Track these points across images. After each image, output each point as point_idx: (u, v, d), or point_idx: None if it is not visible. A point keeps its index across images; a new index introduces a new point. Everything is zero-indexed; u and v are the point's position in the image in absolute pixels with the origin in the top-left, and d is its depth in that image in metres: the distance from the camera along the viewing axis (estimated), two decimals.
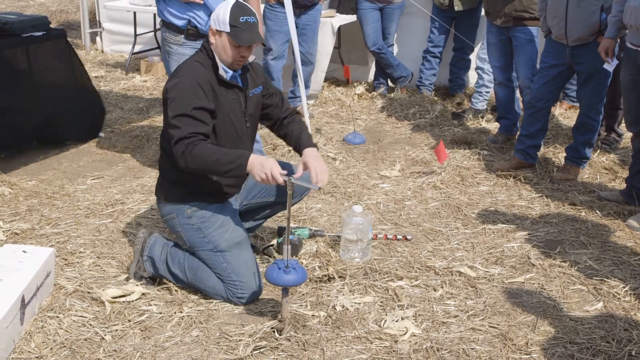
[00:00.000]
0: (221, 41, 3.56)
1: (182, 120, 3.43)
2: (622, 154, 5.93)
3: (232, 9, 3.54)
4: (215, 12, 3.62)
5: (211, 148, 3.43)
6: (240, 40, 3.53)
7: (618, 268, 4.12)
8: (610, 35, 4.76)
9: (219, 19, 3.55)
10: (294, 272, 3.28)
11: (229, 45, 3.54)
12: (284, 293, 3.34)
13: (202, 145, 3.41)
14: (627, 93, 4.77)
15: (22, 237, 4.34)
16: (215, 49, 3.60)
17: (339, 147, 6.10)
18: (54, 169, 5.49)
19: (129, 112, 6.97)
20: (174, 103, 3.47)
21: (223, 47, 3.56)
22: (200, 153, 3.39)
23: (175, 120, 3.44)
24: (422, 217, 4.77)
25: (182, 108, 3.44)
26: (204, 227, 3.66)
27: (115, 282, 3.83)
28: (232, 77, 3.65)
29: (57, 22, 11.48)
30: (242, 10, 3.56)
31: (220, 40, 3.56)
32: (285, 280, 3.28)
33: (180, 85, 3.51)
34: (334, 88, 7.88)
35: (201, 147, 3.40)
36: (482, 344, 3.38)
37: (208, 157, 3.39)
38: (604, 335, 3.45)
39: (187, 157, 3.39)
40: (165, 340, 3.35)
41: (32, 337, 3.31)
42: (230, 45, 3.54)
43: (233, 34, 3.52)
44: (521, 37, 5.74)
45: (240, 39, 3.53)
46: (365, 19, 7.34)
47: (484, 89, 6.79)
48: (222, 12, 3.55)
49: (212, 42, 3.61)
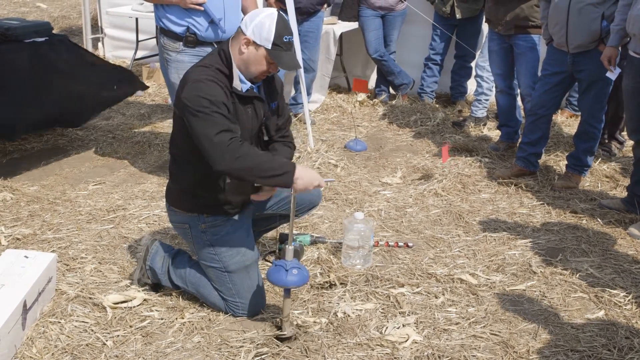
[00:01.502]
0: (256, 54, 3.35)
1: (216, 117, 3.21)
2: (623, 162, 5.94)
3: (277, 24, 3.32)
4: (254, 20, 3.36)
5: (258, 151, 3.27)
6: (281, 62, 3.37)
7: (619, 276, 4.12)
8: (613, 44, 4.77)
9: (262, 33, 3.32)
10: (296, 274, 3.26)
11: (265, 61, 3.37)
12: (285, 294, 3.34)
13: (248, 146, 3.25)
14: (629, 101, 4.78)
15: (24, 242, 4.35)
16: (245, 59, 3.38)
17: (341, 154, 6.11)
18: (55, 174, 5.49)
19: (130, 118, 6.98)
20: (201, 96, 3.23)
21: (257, 60, 3.37)
22: (249, 151, 3.21)
23: (209, 115, 3.20)
24: (424, 224, 4.78)
25: (213, 105, 3.22)
26: (216, 245, 3.57)
27: (117, 288, 3.83)
28: (250, 89, 3.46)
29: (60, 28, 11.50)
30: (285, 27, 3.36)
31: (255, 53, 3.35)
32: (286, 282, 3.27)
33: (206, 85, 3.27)
34: (335, 95, 7.89)
35: (248, 147, 3.23)
36: (483, 352, 3.38)
37: (256, 156, 3.22)
38: (605, 343, 3.45)
39: (233, 155, 3.17)
40: (166, 346, 3.36)
41: (34, 343, 3.31)
42: (265, 61, 3.37)
43: (274, 54, 3.34)
44: (523, 45, 5.76)
45: (281, 61, 3.37)
46: (367, 26, 7.36)
47: (483, 97, 6.80)
48: (266, 26, 3.32)
49: (244, 52, 3.36)
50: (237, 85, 3.40)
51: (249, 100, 3.47)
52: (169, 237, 4.45)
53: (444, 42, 7.33)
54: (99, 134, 6.46)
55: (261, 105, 3.55)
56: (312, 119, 6.80)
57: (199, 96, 3.24)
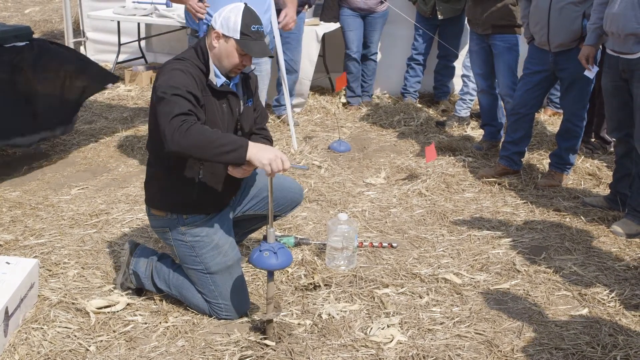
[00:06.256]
0: (226, 47, 3.39)
1: (178, 100, 3.19)
2: (605, 159, 5.97)
3: (243, 15, 3.37)
4: (222, 14, 3.42)
5: (210, 129, 3.20)
6: (250, 51, 3.38)
7: (603, 273, 4.14)
8: (590, 43, 4.79)
9: (229, 24, 3.37)
10: (278, 255, 3.25)
11: (236, 53, 3.40)
12: (269, 277, 3.32)
13: (200, 125, 3.17)
14: (608, 99, 4.80)
15: (6, 248, 4.31)
16: (217, 53, 3.42)
17: (324, 155, 6.11)
18: (37, 179, 5.46)
19: (113, 122, 6.95)
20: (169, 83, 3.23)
21: (227, 53, 3.40)
22: (199, 130, 3.13)
23: (172, 97, 3.18)
24: (408, 224, 4.78)
25: (178, 89, 3.22)
26: (197, 246, 3.55)
27: (100, 293, 3.81)
28: (225, 84, 3.49)
29: (41, 32, 11.43)
30: (253, 17, 3.41)
31: (225, 46, 3.40)
32: (270, 264, 3.25)
33: (175, 73, 3.29)
34: (318, 96, 7.88)
35: (199, 125, 3.16)
36: (467, 351, 3.38)
37: (207, 134, 3.13)
38: (589, 341, 3.46)
39: (182, 132, 3.09)
40: (150, 350, 3.34)
41: (16, 349, 3.28)
42: (236, 53, 3.40)
43: (243, 43, 3.37)
44: (500, 45, 5.77)
45: (250, 50, 3.38)
46: (348, 25, 7.29)
47: (468, 97, 6.82)
48: (232, 17, 3.37)
49: (215, 47, 3.41)
50: (213, 79, 3.43)
51: (223, 95, 3.48)
52: (152, 240, 4.43)
53: (426, 43, 7.34)
54: (82, 138, 6.43)
55: (236, 102, 3.56)
56: (296, 121, 6.79)
57: (169, 84, 3.24)
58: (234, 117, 3.57)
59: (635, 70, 4.46)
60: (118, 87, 8.24)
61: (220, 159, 3.20)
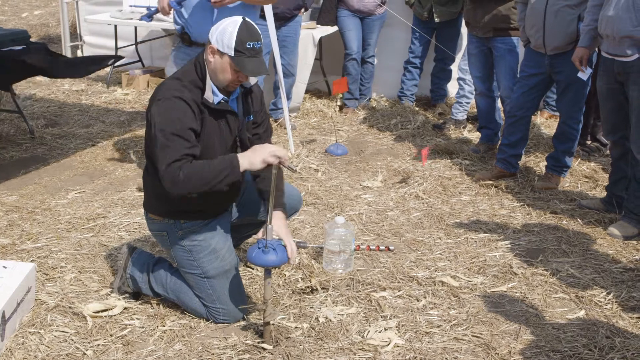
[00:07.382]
0: (221, 63, 3.31)
1: (174, 142, 3.20)
2: (602, 162, 5.98)
3: (239, 31, 3.27)
4: (218, 28, 3.34)
5: (199, 164, 3.22)
6: (244, 69, 3.29)
7: (599, 276, 4.14)
8: (584, 45, 4.79)
9: (223, 40, 3.28)
10: (275, 252, 3.25)
11: (230, 69, 3.32)
12: (266, 274, 3.32)
13: (189, 164, 3.20)
14: (604, 102, 4.81)
15: (3, 252, 4.31)
16: (213, 68, 3.34)
17: (321, 158, 6.11)
18: (34, 183, 5.45)
19: (110, 126, 6.94)
20: (167, 117, 3.24)
21: (222, 69, 3.32)
22: (194, 171, 3.18)
23: (169, 138, 3.20)
24: (405, 227, 4.78)
25: (174, 127, 3.21)
26: (194, 250, 3.54)
27: (97, 297, 3.81)
28: (223, 101, 3.43)
29: (38, 36, 11.44)
30: (249, 33, 3.30)
31: (220, 62, 3.31)
32: (266, 261, 3.25)
33: (171, 105, 3.27)
34: (315, 99, 7.89)
35: (189, 166, 3.19)
36: (465, 354, 3.38)
37: (202, 172, 3.18)
38: (586, 343, 3.46)
39: (179, 183, 3.17)
40: (147, 354, 3.34)
41: (13, 354, 3.28)
42: (231, 69, 3.31)
43: (237, 61, 3.28)
44: (501, 48, 5.78)
45: (244, 68, 3.29)
46: (346, 25, 7.28)
47: (465, 100, 6.83)
48: (228, 33, 3.28)
49: (210, 61, 3.34)
50: (209, 97, 3.36)
51: (221, 113, 3.43)
52: (150, 244, 4.43)
53: (423, 46, 7.34)
54: (79, 142, 6.43)
55: (234, 119, 3.51)
56: (293, 124, 6.79)
57: (167, 117, 3.24)
58: (233, 134, 3.53)
59: (630, 73, 4.47)
60: (115, 91, 8.24)
61: (220, 186, 3.27)
